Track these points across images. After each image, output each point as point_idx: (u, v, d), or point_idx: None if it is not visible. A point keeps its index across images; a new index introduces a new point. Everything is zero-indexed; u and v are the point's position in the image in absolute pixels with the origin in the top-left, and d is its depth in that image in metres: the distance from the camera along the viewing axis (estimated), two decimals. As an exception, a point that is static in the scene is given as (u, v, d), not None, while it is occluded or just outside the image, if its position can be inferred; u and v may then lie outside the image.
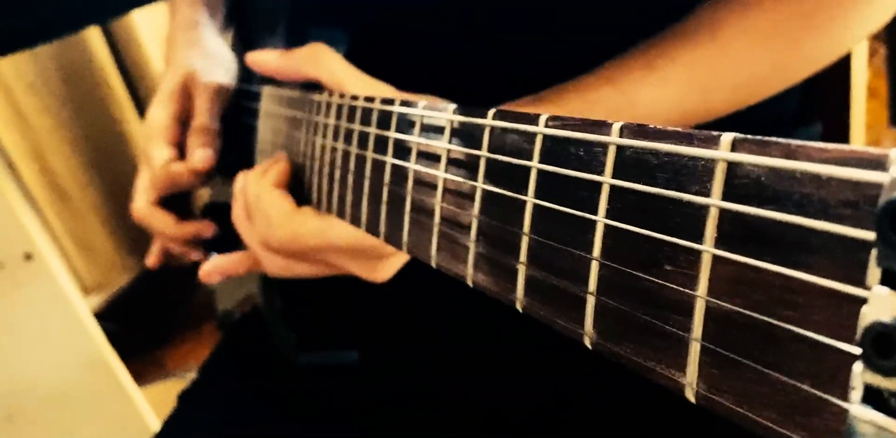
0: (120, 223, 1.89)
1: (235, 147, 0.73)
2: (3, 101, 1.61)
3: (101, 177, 1.87)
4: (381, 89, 0.51)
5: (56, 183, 1.73)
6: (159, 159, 0.70)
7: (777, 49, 0.48)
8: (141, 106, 1.95)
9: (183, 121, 0.72)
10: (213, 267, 0.61)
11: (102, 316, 1.24)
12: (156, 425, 1.15)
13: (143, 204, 0.74)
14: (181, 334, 1.95)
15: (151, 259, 0.80)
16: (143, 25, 1.89)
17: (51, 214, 1.70)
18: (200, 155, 0.69)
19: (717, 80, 0.48)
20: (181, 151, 0.71)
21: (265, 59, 0.58)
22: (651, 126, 0.21)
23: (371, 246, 0.49)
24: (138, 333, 1.77)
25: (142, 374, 1.42)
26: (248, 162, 0.70)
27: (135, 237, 1.89)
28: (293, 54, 0.55)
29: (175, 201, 0.75)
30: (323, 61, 0.53)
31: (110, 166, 1.89)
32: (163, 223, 0.73)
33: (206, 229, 0.74)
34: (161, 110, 0.73)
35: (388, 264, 0.51)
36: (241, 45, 0.80)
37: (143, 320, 1.90)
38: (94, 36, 1.82)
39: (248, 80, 0.73)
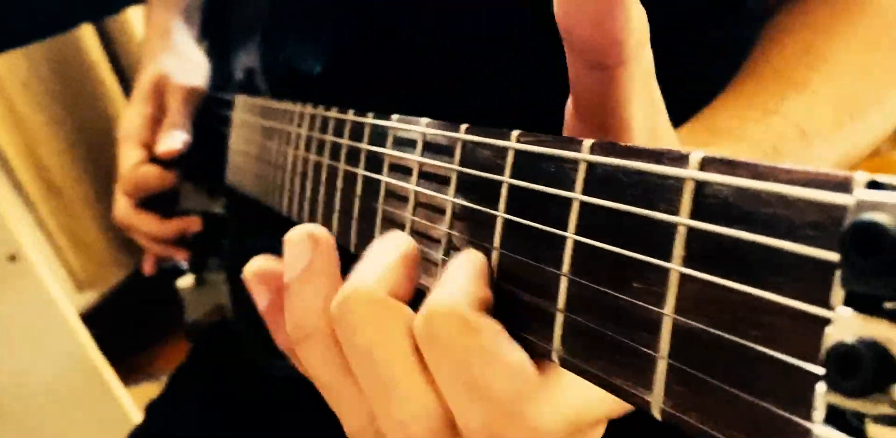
0: (112, 219, 1.88)
1: (207, 155, 0.72)
2: (-4, 98, 1.60)
3: (93, 173, 1.86)
4: None
5: (49, 179, 1.72)
6: (127, 162, 0.70)
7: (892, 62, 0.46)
8: (133, 103, 1.94)
9: (156, 121, 0.72)
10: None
11: (96, 314, 1.23)
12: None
13: (123, 207, 0.73)
14: (173, 334, 1.93)
15: (147, 268, 0.80)
16: (137, 21, 1.88)
17: (44, 210, 1.70)
18: (166, 143, 0.68)
19: (858, 98, 0.44)
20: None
21: None
22: (621, 144, 0.21)
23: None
24: (130, 332, 1.75)
25: (131, 374, 1.41)
26: (219, 170, 0.70)
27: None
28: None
29: (158, 203, 0.75)
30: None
31: (103, 162, 1.87)
32: (146, 223, 0.73)
33: (193, 223, 0.73)
34: (133, 112, 0.73)
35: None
36: (216, 54, 0.80)
37: (136, 318, 1.88)
38: (86, 32, 1.82)
39: (222, 88, 0.73)
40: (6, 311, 1.04)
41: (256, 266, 0.32)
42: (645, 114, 0.26)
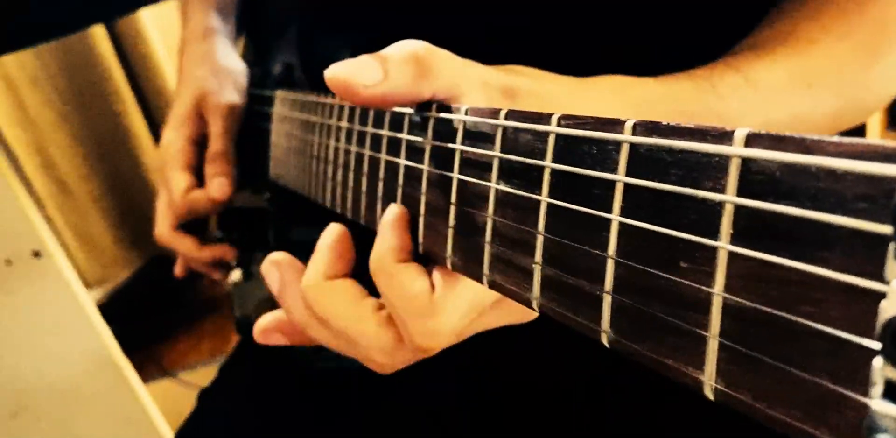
0: (121, 217, 1.90)
1: (249, 152, 0.73)
2: (5, 94, 1.62)
3: (102, 171, 1.88)
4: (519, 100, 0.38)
5: (57, 177, 1.74)
6: (178, 188, 0.72)
7: (862, 60, 0.48)
8: (143, 100, 1.96)
9: (198, 143, 0.74)
10: (272, 326, 0.47)
11: (103, 311, 1.25)
12: (161, 422, 1.16)
13: (165, 230, 0.77)
14: (181, 330, 1.96)
15: (178, 271, 0.84)
16: (148, 19, 1.90)
17: (52, 208, 1.72)
18: (217, 185, 0.71)
19: (818, 76, 0.47)
20: (198, 174, 0.73)
21: (368, 86, 0.35)
22: (664, 123, 0.21)
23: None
24: (139, 329, 1.78)
25: (141, 371, 1.43)
26: (262, 167, 0.71)
27: (135, 232, 1.90)
28: (396, 74, 0.35)
29: (194, 223, 0.77)
30: (436, 74, 0.36)
31: (112, 160, 1.90)
32: (186, 248, 0.77)
33: (227, 252, 0.77)
34: (175, 134, 0.74)
35: None
36: (254, 49, 0.81)
37: (144, 315, 1.91)
38: (97, 30, 1.83)
39: (262, 84, 0.73)
40: (31, 307, 1.05)
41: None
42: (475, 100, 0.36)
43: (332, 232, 0.42)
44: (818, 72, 0.47)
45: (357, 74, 0.35)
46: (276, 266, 0.43)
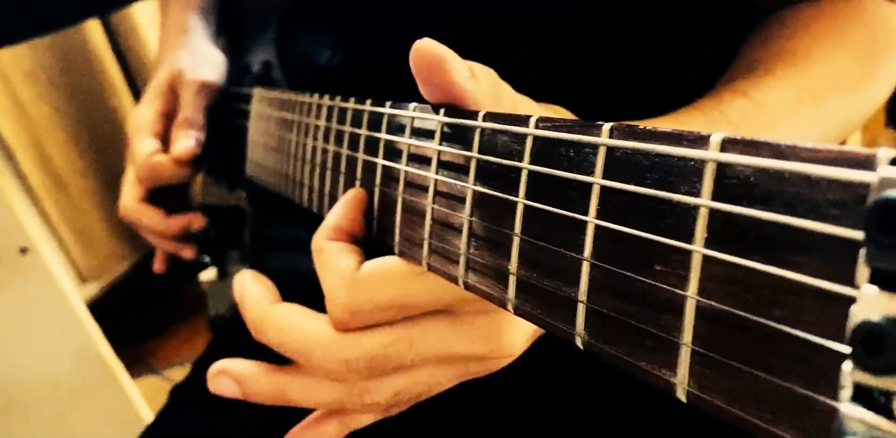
0: (116, 211, 1.89)
1: (226, 149, 0.73)
2: (0, 89, 1.60)
3: (97, 165, 1.87)
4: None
5: (53, 171, 1.73)
6: (142, 151, 0.70)
7: (861, 66, 0.49)
8: (138, 95, 1.95)
9: (169, 117, 0.73)
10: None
11: (98, 306, 1.24)
12: (149, 417, 1.15)
13: (130, 201, 0.74)
14: (175, 325, 1.95)
15: (157, 265, 0.81)
16: (142, 13, 1.89)
17: (48, 202, 1.71)
18: (181, 144, 0.69)
19: (820, 86, 0.47)
20: (167, 145, 0.72)
21: (455, 70, 0.31)
22: (640, 127, 0.21)
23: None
24: (132, 324, 1.76)
25: (135, 366, 1.42)
26: (238, 164, 0.70)
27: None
28: (483, 79, 0.32)
29: (167, 198, 0.75)
30: (502, 101, 0.34)
31: (107, 154, 1.89)
32: (150, 218, 0.74)
33: (197, 220, 0.74)
34: (146, 107, 0.73)
35: (514, 327, 0.37)
36: (232, 49, 0.80)
37: (140, 309, 1.90)
38: (92, 24, 1.82)
39: (240, 82, 0.73)
40: (17, 303, 1.05)
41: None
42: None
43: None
44: (820, 82, 0.47)
45: (453, 60, 0.30)
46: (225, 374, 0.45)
